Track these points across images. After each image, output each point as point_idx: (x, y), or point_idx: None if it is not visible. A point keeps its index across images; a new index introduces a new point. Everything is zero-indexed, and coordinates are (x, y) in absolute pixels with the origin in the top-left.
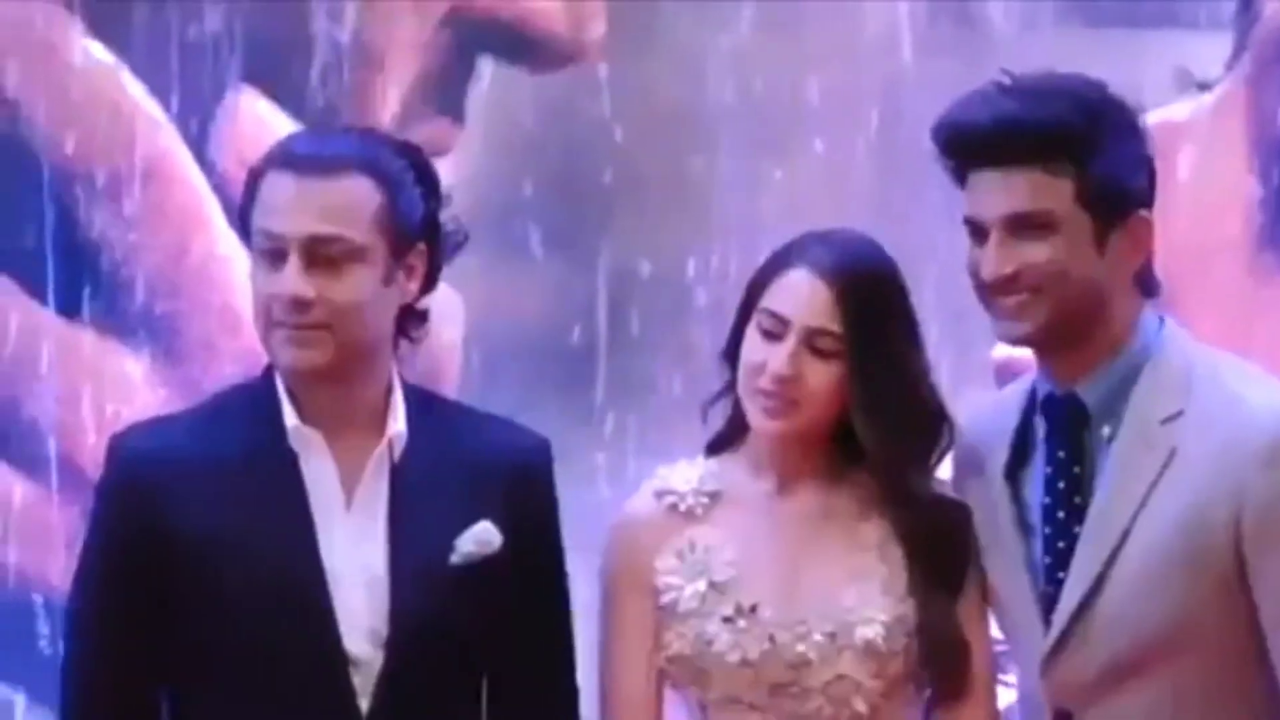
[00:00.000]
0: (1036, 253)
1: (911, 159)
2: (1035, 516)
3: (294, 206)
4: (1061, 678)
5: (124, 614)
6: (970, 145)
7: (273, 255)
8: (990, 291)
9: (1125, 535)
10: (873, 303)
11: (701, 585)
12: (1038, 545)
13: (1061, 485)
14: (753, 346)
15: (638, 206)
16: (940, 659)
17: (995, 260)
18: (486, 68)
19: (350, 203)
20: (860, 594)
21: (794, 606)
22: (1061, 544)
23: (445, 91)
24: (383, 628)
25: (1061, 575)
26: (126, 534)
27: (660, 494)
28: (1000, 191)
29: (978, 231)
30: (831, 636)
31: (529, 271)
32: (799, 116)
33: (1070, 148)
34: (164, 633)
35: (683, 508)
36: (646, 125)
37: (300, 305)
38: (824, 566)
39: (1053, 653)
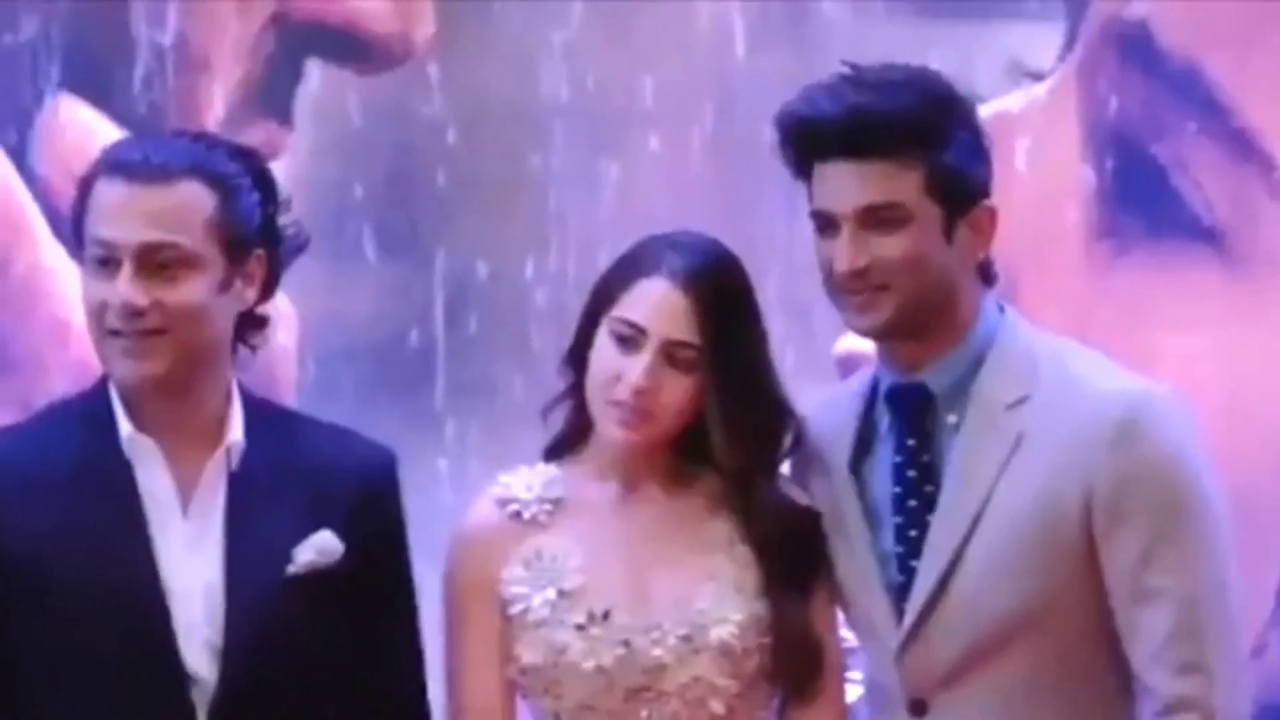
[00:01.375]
0: (890, 245)
1: (748, 153)
2: (883, 507)
3: (125, 214)
4: (916, 667)
5: None
6: (819, 138)
7: (105, 263)
8: (842, 284)
9: (977, 520)
10: (729, 312)
11: (551, 594)
12: (887, 536)
13: (912, 474)
14: (606, 356)
15: (473, 207)
16: (793, 658)
17: (849, 254)
18: (314, 69)
19: (183, 209)
20: (713, 595)
21: (647, 611)
22: (913, 532)
23: (272, 94)
24: (219, 640)
25: (914, 564)
26: None
27: (502, 502)
28: (852, 184)
29: (827, 225)
30: (686, 639)
31: (363, 275)
32: (634, 113)
33: (919, 139)
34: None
35: (526, 515)
36: (479, 125)
37: (134, 313)
38: (674, 569)
39: (907, 642)
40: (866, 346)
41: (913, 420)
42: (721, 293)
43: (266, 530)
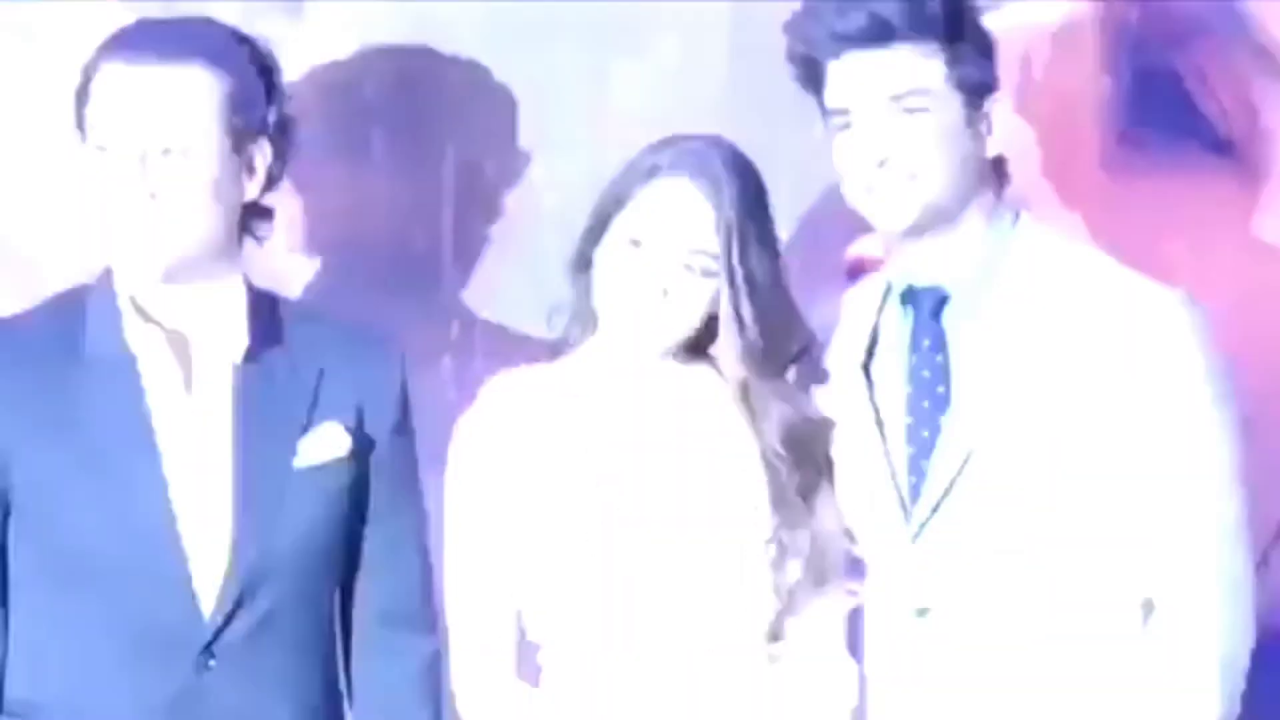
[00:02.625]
0: (915, 132)
1: (762, 58)
2: (893, 408)
3: (129, 100)
4: (923, 569)
5: None
6: (843, 29)
7: (108, 150)
8: (869, 175)
9: (992, 414)
10: (744, 216)
11: (559, 489)
12: (898, 436)
13: (925, 374)
14: (619, 259)
15: (483, 107)
16: (799, 560)
17: (873, 141)
18: None
19: (188, 95)
20: (721, 490)
21: (655, 506)
22: (925, 432)
23: None
24: (228, 533)
25: (925, 464)
26: None
27: (505, 401)
28: (875, 72)
29: (848, 121)
30: (695, 534)
31: (371, 171)
32: (648, 14)
33: (940, 28)
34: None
35: (530, 415)
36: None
37: (145, 200)
38: (682, 465)
39: (914, 543)
40: (877, 251)
41: (927, 321)
42: (737, 197)
43: (274, 421)
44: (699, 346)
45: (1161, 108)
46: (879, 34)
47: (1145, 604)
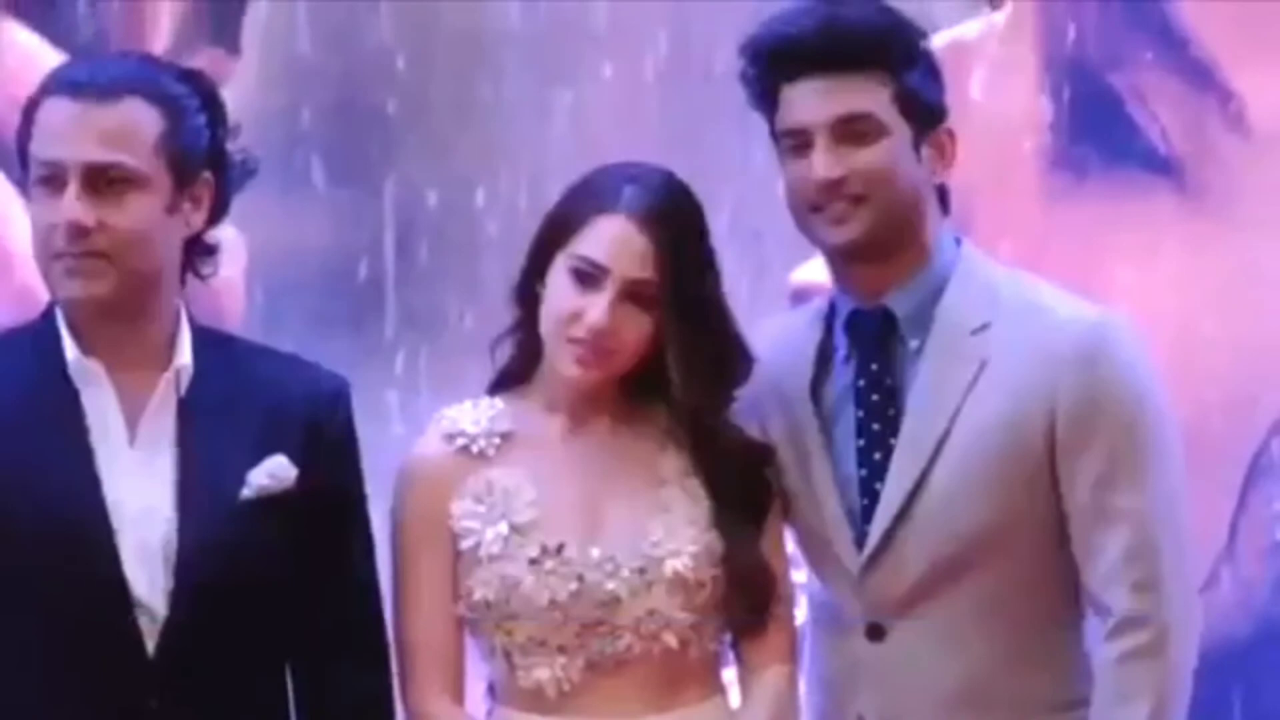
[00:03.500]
0: (865, 156)
1: (701, 82)
2: (843, 432)
3: (72, 132)
4: (876, 591)
5: None
6: (796, 54)
7: (51, 183)
8: (818, 197)
9: (941, 443)
10: (688, 249)
11: (503, 528)
12: (848, 460)
13: (875, 398)
14: (564, 293)
15: (423, 135)
16: (745, 589)
17: (824, 163)
18: None
19: (130, 128)
20: (665, 527)
21: (600, 544)
22: (877, 455)
23: (219, 20)
24: (170, 566)
25: (878, 486)
26: None
27: (450, 436)
28: (827, 96)
29: (799, 142)
30: (640, 571)
31: (312, 204)
32: (586, 40)
33: (889, 56)
34: None
35: (475, 449)
36: (429, 50)
37: (79, 233)
38: (626, 501)
39: (868, 565)
40: (822, 277)
41: (874, 345)
42: (680, 229)
43: (217, 455)
44: (642, 377)
45: (1101, 129)
46: (832, 60)
47: (1095, 619)
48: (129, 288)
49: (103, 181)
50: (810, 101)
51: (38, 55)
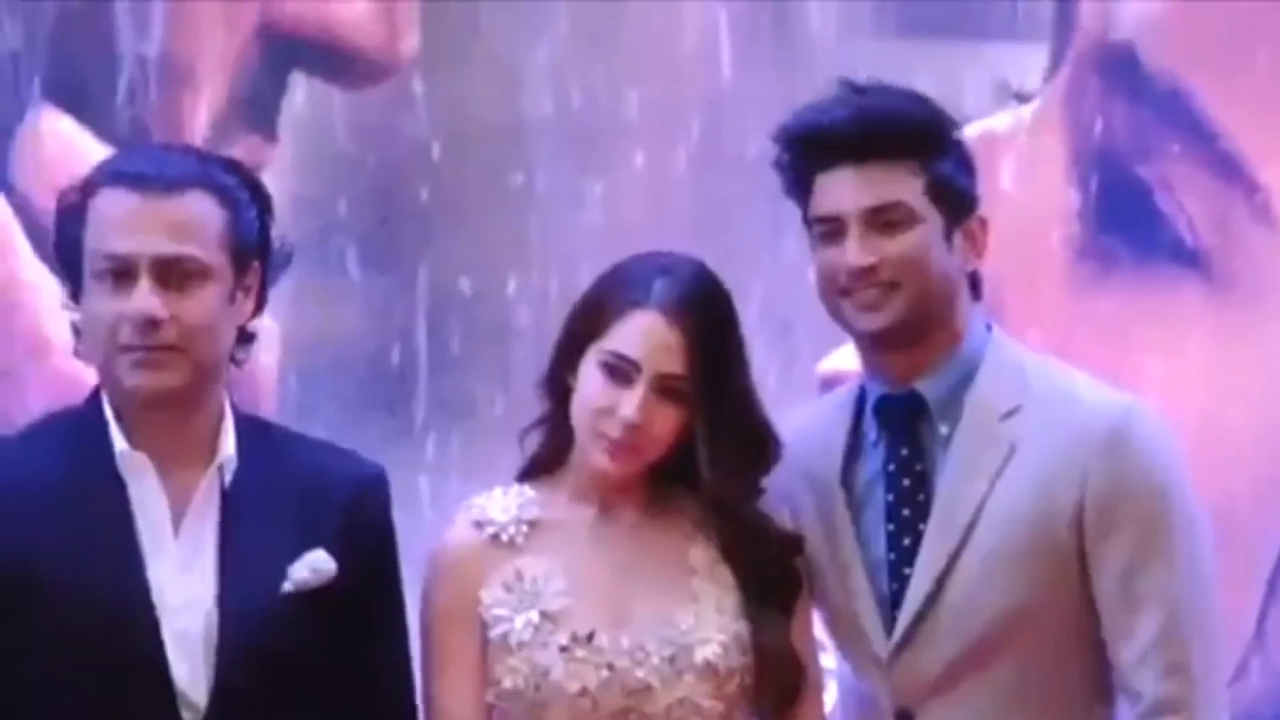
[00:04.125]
0: (898, 244)
1: (732, 171)
2: (873, 517)
3: (140, 225)
4: (906, 675)
5: None
6: (828, 143)
7: (117, 276)
8: (850, 283)
9: (971, 527)
10: (718, 342)
11: (533, 616)
12: (878, 545)
13: (906, 482)
14: (595, 387)
15: (457, 223)
16: (775, 677)
17: (857, 251)
18: (299, 83)
19: (198, 220)
20: (695, 615)
21: (630, 632)
22: (906, 540)
23: (257, 108)
24: (211, 658)
25: (907, 571)
26: None
27: (479, 524)
28: (860, 186)
29: (832, 229)
30: (671, 660)
31: (346, 292)
32: (618, 130)
33: (922, 146)
34: None
35: (504, 538)
36: (464, 140)
37: (152, 326)
38: (655, 590)
39: (897, 650)
40: (851, 366)
41: (904, 429)
42: (711, 323)
43: (259, 547)
44: (671, 465)
45: (1128, 219)
46: (866, 149)
47: (1122, 692)
48: (196, 379)
49: (172, 274)
50: (844, 190)
51: (77, 143)
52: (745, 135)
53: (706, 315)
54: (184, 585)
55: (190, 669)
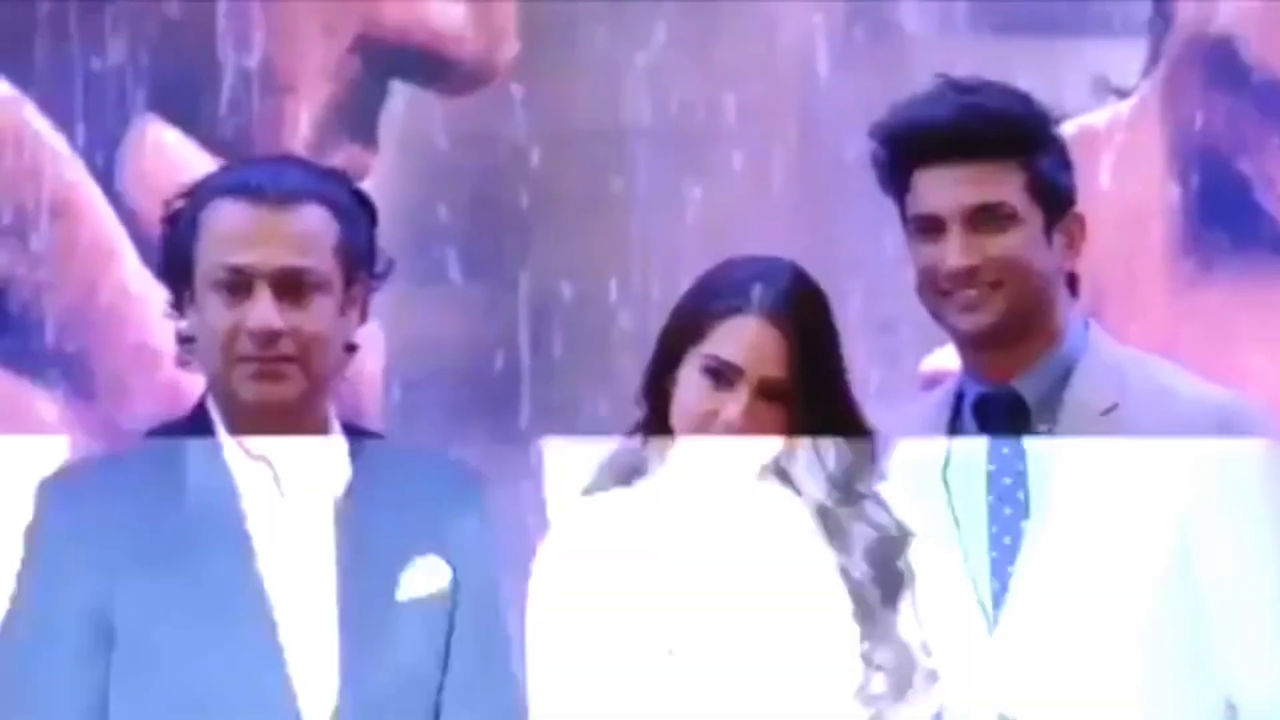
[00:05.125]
0: (1000, 244)
1: (831, 172)
2: (973, 515)
3: (260, 238)
4: (1007, 675)
5: (60, 660)
6: (929, 140)
7: (233, 288)
8: (951, 283)
9: (1073, 525)
10: (818, 344)
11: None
12: (979, 543)
13: (1007, 481)
14: (697, 391)
15: (557, 228)
16: (886, 673)
17: (959, 252)
18: (399, 91)
19: (314, 233)
20: (800, 614)
21: (744, 633)
22: (1008, 539)
23: (357, 116)
24: (333, 668)
25: (1009, 570)
26: (59, 576)
27: (581, 526)
28: (961, 184)
29: (932, 227)
30: (775, 659)
31: (448, 298)
32: (717, 133)
33: (1024, 143)
34: (104, 677)
35: (609, 542)
36: (563, 145)
37: (271, 337)
38: (767, 591)
39: (999, 648)
40: (953, 365)
41: (1004, 428)
42: (811, 325)
43: (375, 556)
44: (774, 469)
45: (1228, 213)
46: (968, 147)
47: (1229, 707)
48: (310, 390)
49: (290, 286)
50: (945, 188)
51: (182, 153)
52: (843, 136)
53: (806, 318)
54: (303, 600)
55: (313, 686)
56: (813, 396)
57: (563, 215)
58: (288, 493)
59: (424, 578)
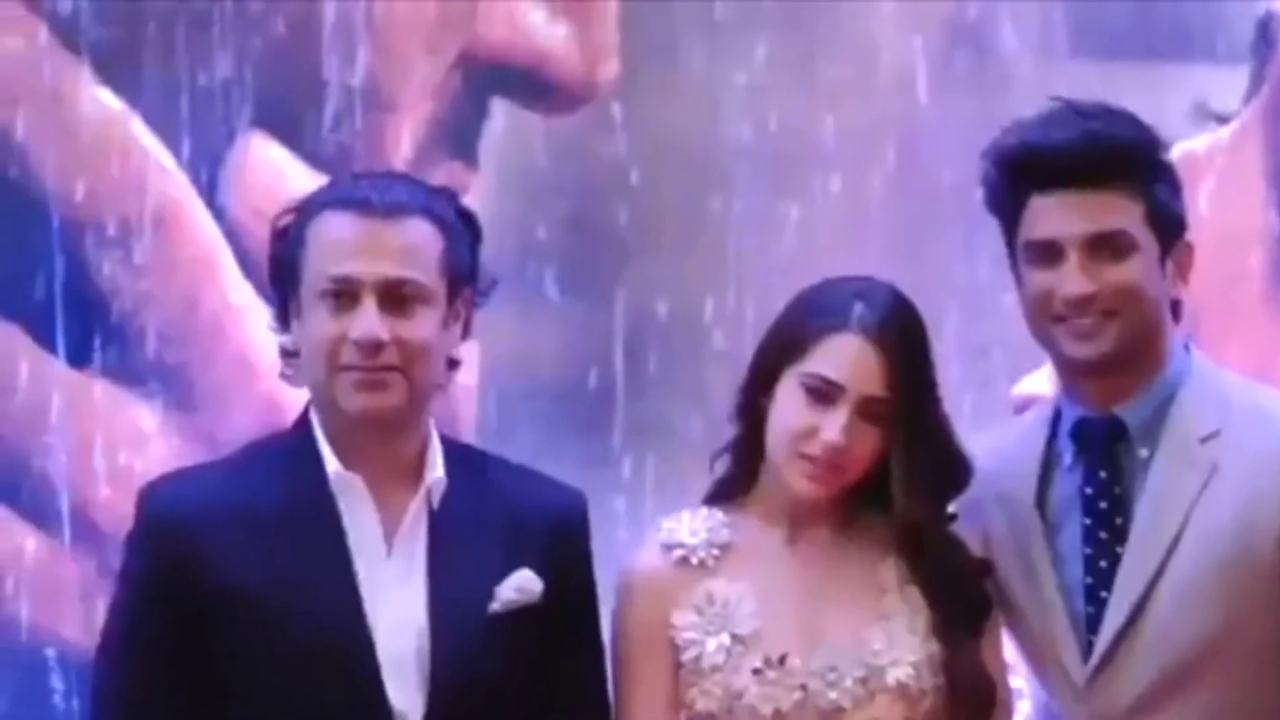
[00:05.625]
0: (1119, 272)
1: (928, 196)
2: (1069, 539)
3: (367, 248)
4: (1104, 700)
5: (158, 666)
6: (1050, 166)
7: (339, 298)
8: (1067, 311)
9: (1170, 552)
10: (917, 365)
11: (725, 639)
12: (1075, 568)
13: (1103, 506)
14: (797, 409)
15: (654, 247)
16: (968, 698)
17: (1078, 280)
18: (499, 109)
19: (420, 245)
20: (887, 636)
21: (822, 654)
22: (1104, 563)
23: (458, 134)
24: (424, 677)
25: (1104, 595)
26: (161, 586)
27: (669, 546)
28: (1082, 212)
29: (1049, 254)
30: (863, 681)
31: (545, 314)
32: (815, 154)
33: (1143, 170)
34: (200, 684)
35: (694, 560)
36: (662, 165)
37: (376, 347)
38: (846, 611)
39: (1095, 675)
40: (1046, 389)
41: (1102, 452)
42: (910, 345)
43: (468, 568)
44: (860, 490)
45: None
46: (1089, 175)
47: None
48: (411, 401)
49: (395, 297)
50: (1065, 215)
51: (285, 169)
52: (941, 160)
53: (906, 338)
54: (397, 607)
55: (405, 690)
56: (911, 418)
57: (660, 234)
58: (385, 501)
59: (518, 590)
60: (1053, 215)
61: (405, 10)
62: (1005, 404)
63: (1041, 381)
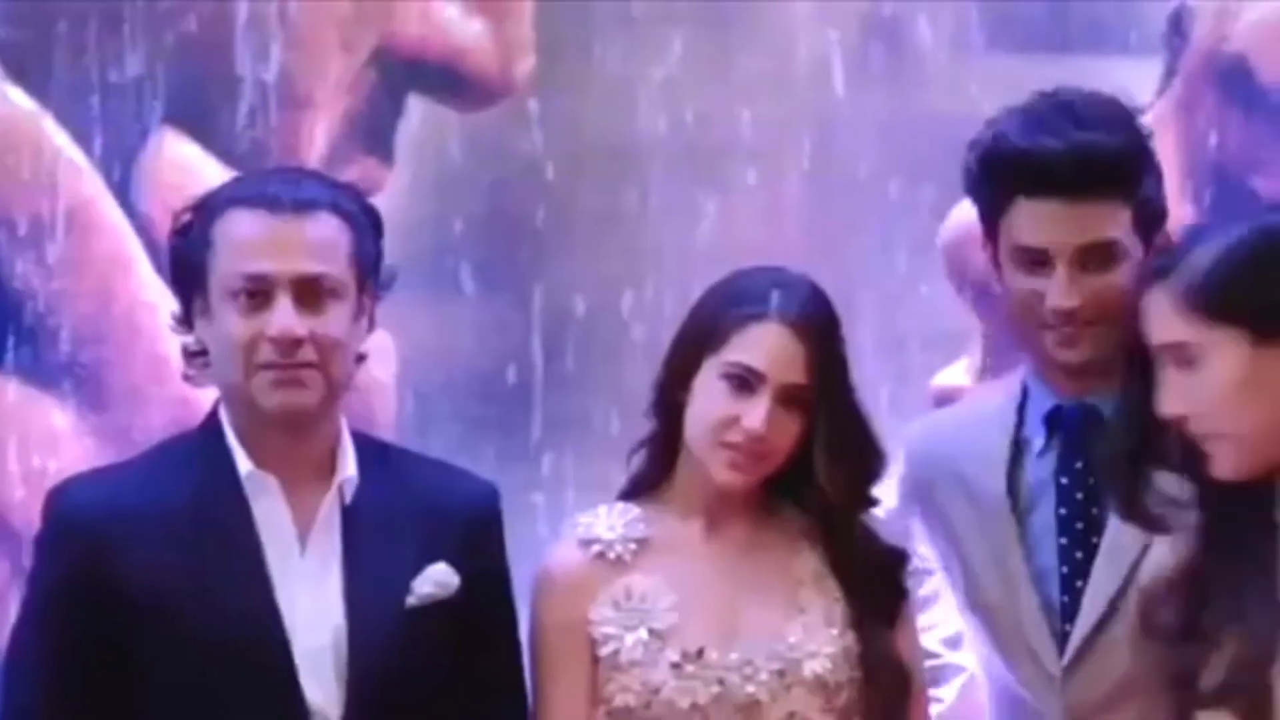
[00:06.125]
0: (1104, 283)
1: (846, 188)
2: (1041, 528)
3: (279, 246)
4: (1079, 691)
5: (71, 668)
6: (1039, 174)
7: (253, 296)
8: (1052, 320)
9: (1148, 542)
10: (835, 353)
11: (643, 633)
12: (1047, 556)
13: (1079, 496)
14: (717, 400)
15: (571, 242)
16: (883, 688)
17: (1065, 292)
18: (415, 105)
19: (331, 240)
20: (804, 628)
21: (739, 647)
22: (1079, 554)
23: (373, 130)
24: (341, 673)
25: (1079, 584)
26: (71, 588)
27: (586, 542)
28: (1072, 222)
29: (1036, 261)
30: (780, 674)
31: (462, 310)
32: (732, 148)
33: (1133, 177)
34: (113, 686)
35: (611, 555)
36: (578, 160)
37: (293, 344)
38: (763, 604)
39: (1072, 664)
40: (964, 381)
41: (1078, 441)
42: (828, 333)
43: (382, 564)
44: (777, 480)
45: None
46: (1080, 185)
47: None
48: (330, 397)
49: (310, 294)
50: (1055, 226)
51: (198, 166)
52: (858, 153)
53: (824, 326)
54: (312, 604)
55: (322, 687)
56: (831, 404)
57: (577, 229)
58: (295, 500)
59: (434, 584)
60: (1043, 224)
61: (319, 6)
62: (923, 397)
63: (959, 374)
